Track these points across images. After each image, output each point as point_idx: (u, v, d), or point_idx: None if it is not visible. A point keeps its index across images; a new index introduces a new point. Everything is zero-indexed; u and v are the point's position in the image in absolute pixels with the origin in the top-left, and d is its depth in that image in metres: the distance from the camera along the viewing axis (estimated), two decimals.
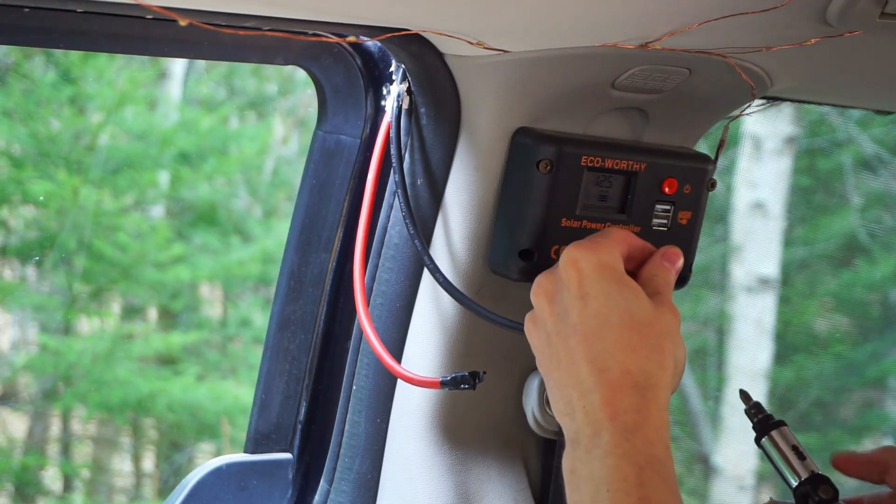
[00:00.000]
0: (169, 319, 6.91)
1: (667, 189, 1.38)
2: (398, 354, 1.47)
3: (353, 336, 1.55)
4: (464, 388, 1.35)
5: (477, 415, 1.49)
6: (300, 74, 4.90)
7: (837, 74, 1.45)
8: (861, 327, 7.11)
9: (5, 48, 5.64)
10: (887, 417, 7.14)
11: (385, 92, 1.48)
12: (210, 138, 6.75)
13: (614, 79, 1.34)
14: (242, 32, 1.25)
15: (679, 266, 1.29)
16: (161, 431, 6.79)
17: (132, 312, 6.85)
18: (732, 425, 6.51)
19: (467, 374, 1.34)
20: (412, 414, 1.47)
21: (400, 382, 1.49)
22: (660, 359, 1.17)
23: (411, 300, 1.47)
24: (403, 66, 1.39)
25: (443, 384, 1.36)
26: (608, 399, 1.14)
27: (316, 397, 1.63)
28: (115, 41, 1.38)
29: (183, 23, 1.06)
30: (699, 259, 1.49)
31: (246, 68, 7.18)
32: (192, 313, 6.94)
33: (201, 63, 7.01)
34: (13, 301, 6.43)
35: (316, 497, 1.60)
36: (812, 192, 7.16)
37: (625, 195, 1.37)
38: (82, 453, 6.60)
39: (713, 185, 1.43)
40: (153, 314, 6.97)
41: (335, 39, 1.34)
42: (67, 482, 6.45)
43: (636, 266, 1.27)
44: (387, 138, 1.45)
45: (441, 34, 1.26)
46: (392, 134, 1.43)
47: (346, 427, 1.54)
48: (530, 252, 1.34)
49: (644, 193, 1.37)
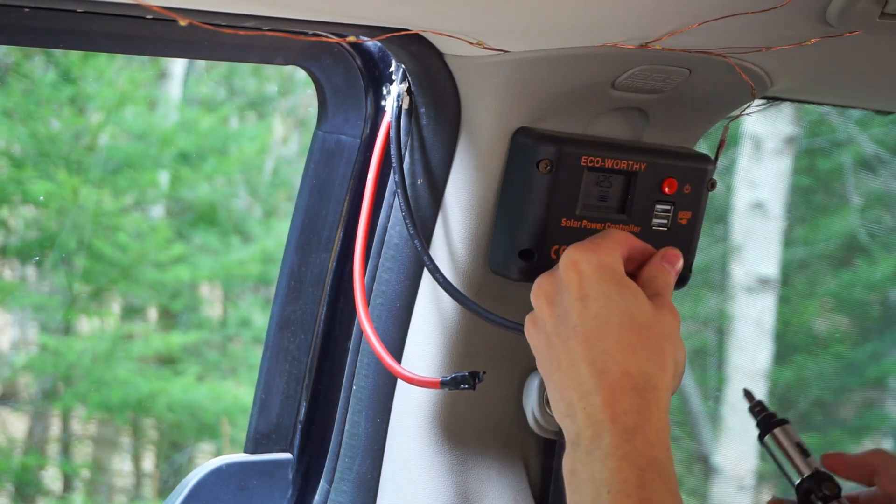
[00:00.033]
0: (169, 319, 6.91)
1: (667, 189, 1.38)
2: (398, 354, 1.47)
3: (353, 336, 1.55)
4: (464, 388, 1.35)
5: (477, 415, 1.49)
6: (300, 74, 4.90)
7: (837, 74, 1.45)
8: (861, 327, 7.11)
9: (5, 48, 5.64)
10: (887, 417, 7.14)
11: (385, 92, 1.48)
12: (210, 138, 6.75)
13: (614, 79, 1.34)
14: (242, 32, 1.25)
15: (679, 267, 1.29)
16: (161, 431, 6.79)
17: (132, 312, 6.86)
18: (732, 425, 6.51)
19: (467, 374, 1.34)
20: (412, 414, 1.47)
21: (400, 382, 1.49)
22: (660, 360, 1.17)
23: (411, 300, 1.47)
24: (403, 66, 1.39)
25: (443, 384, 1.36)
26: (609, 401, 1.14)
27: (316, 397, 1.63)
28: (115, 41, 1.38)
29: (183, 23, 1.06)
30: (699, 259, 1.49)
31: (246, 68, 7.18)
32: (192, 313, 6.94)
33: (201, 63, 7.01)
34: (13, 301, 6.43)
35: (316, 497, 1.60)
36: (812, 192, 7.16)
37: (625, 195, 1.37)
38: (82, 453, 6.60)
39: (713, 185, 1.43)
40: (153, 314, 6.97)
41: (335, 39, 1.34)
42: (67, 482, 6.45)
43: (636, 267, 1.27)
44: (387, 138, 1.45)
45: (441, 34, 1.26)
46: (392, 134, 1.43)
47: (346, 427, 1.54)
48: (530, 252, 1.34)
49: (644, 193, 1.37)
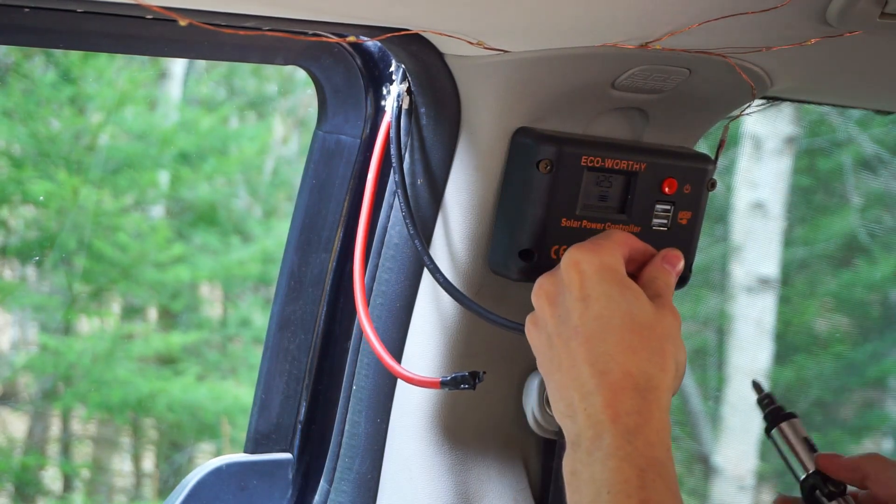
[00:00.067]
0: (169, 319, 6.91)
1: (667, 189, 1.38)
2: (398, 354, 1.47)
3: (353, 336, 1.55)
4: (464, 388, 1.35)
5: (477, 415, 1.48)
6: (300, 74, 4.90)
7: (837, 74, 1.45)
8: (861, 327, 7.11)
9: (5, 48, 5.64)
10: (887, 417, 7.14)
11: (385, 92, 1.48)
12: (210, 138, 6.75)
13: (614, 79, 1.34)
14: (242, 32, 1.25)
15: (680, 268, 1.29)
16: (161, 431, 6.79)
17: (132, 312, 6.86)
18: (732, 425, 6.51)
19: (467, 374, 1.34)
20: (412, 414, 1.47)
21: (400, 382, 1.49)
22: (661, 361, 1.17)
23: (411, 300, 1.47)
24: (403, 66, 1.39)
25: (443, 384, 1.36)
26: (609, 401, 1.14)
27: (316, 397, 1.63)
28: (115, 41, 1.38)
29: (183, 23, 1.06)
30: (699, 259, 1.49)
31: (246, 68, 7.18)
32: (192, 313, 6.94)
33: (201, 63, 7.01)
34: (13, 301, 6.43)
35: (316, 497, 1.60)
36: (812, 192, 7.16)
37: (625, 195, 1.37)
38: (82, 453, 6.60)
39: (713, 185, 1.43)
40: (153, 314, 6.97)
41: (335, 39, 1.34)
42: (67, 482, 6.45)
43: (637, 268, 1.27)
44: (387, 138, 1.45)
45: (441, 34, 1.26)
46: (392, 134, 1.43)
47: (346, 427, 1.54)
48: (530, 252, 1.34)
49: (644, 193, 1.37)
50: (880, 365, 6.81)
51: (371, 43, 1.46)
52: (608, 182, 1.36)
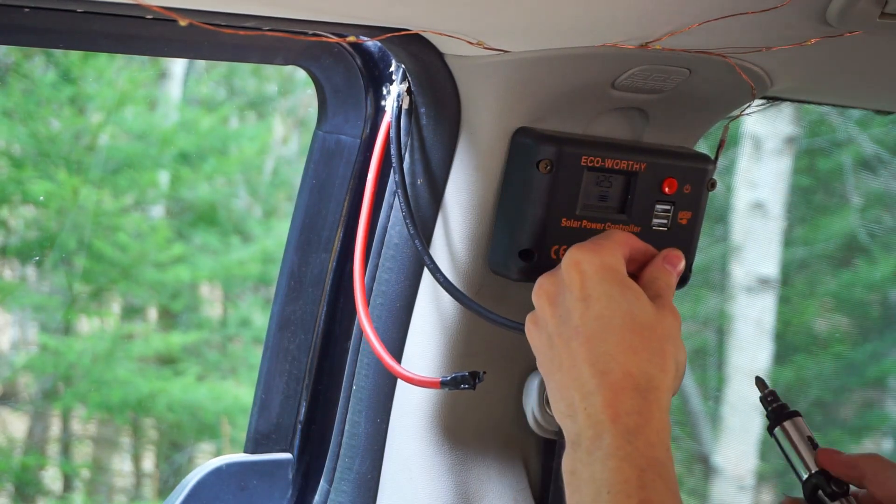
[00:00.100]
0: (169, 319, 6.91)
1: (667, 189, 1.38)
2: (398, 354, 1.47)
3: (353, 336, 1.55)
4: (464, 388, 1.35)
5: (477, 415, 1.48)
6: (300, 74, 4.90)
7: (837, 74, 1.45)
8: (861, 327, 7.11)
9: (5, 48, 5.64)
10: (887, 417, 7.14)
11: (385, 92, 1.48)
12: (210, 138, 6.75)
13: (614, 79, 1.34)
14: (242, 32, 1.25)
15: (680, 269, 1.29)
16: (161, 431, 6.79)
17: (132, 312, 6.85)
18: (732, 425, 6.51)
19: (467, 374, 1.34)
20: (412, 414, 1.47)
21: (400, 382, 1.49)
22: (661, 362, 1.17)
23: (411, 300, 1.47)
24: (403, 66, 1.39)
25: (443, 384, 1.36)
26: (610, 401, 1.14)
27: (316, 397, 1.63)
28: (115, 41, 1.38)
29: (183, 23, 1.06)
30: (699, 259, 1.49)
31: (246, 68, 7.18)
32: (192, 313, 6.94)
33: (201, 63, 7.01)
34: (13, 301, 6.43)
35: (316, 497, 1.60)
36: (812, 192, 7.16)
37: (625, 195, 1.37)
38: (82, 453, 6.60)
39: (713, 185, 1.43)
40: (153, 314, 6.97)
41: (335, 39, 1.34)
42: (67, 482, 6.45)
43: (637, 268, 1.27)
44: (387, 138, 1.45)
45: (441, 34, 1.26)
46: (392, 134, 1.43)
47: (346, 427, 1.54)
48: (530, 252, 1.34)
49: (644, 193, 1.37)
50: (880, 365, 6.81)
51: (371, 43, 1.46)
52: (608, 182, 1.36)
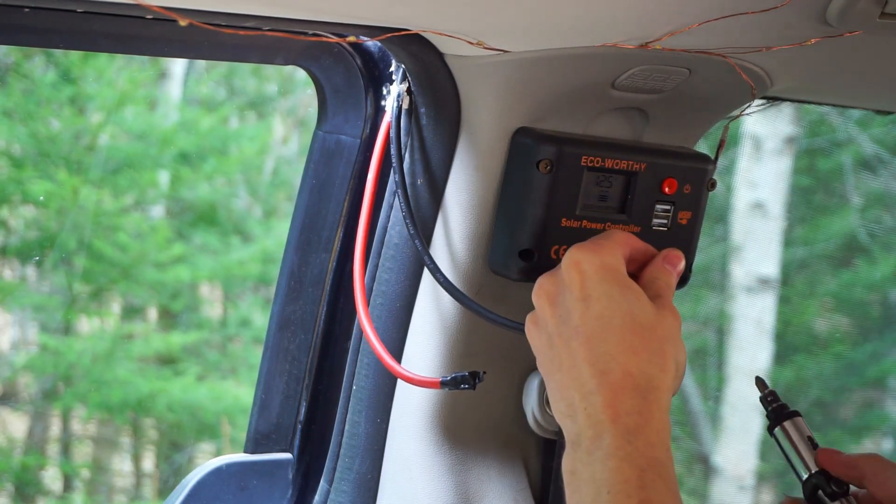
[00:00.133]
0: (169, 319, 6.91)
1: (667, 189, 1.38)
2: (398, 354, 1.47)
3: (353, 336, 1.55)
4: (464, 388, 1.35)
5: (477, 415, 1.48)
6: (300, 74, 4.90)
7: (837, 74, 1.45)
8: (861, 327, 7.11)
9: (5, 48, 5.64)
10: (887, 417, 7.14)
11: (385, 92, 1.48)
12: (210, 138, 6.75)
13: (614, 79, 1.34)
14: (242, 32, 1.25)
15: (681, 269, 1.29)
16: (161, 431, 6.79)
17: (132, 312, 6.86)
18: (732, 425, 6.51)
19: (467, 374, 1.34)
20: (412, 414, 1.47)
21: (400, 382, 1.49)
22: (661, 362, 1.17)
23: (411, 300, 1.47)
24: (403, 66, 1.39)
25: (443, 384, 1.36)
26: (610, 401, 1.14)
27: (316, 397, 1.63)
28: (115, 41, 1.38)
29: (183, 23, 1.06)
30: (699, 259, 1.49)
31: (246, 68, 7.18)
32: (192, 313, 6.94)
33: (201, 63, 7.01)
34: (13, 301, 6.43)
35: (316, 497, 1.60)
36: (812, 192, 7.16)
37: (625, 195, 1.37)
38: (82, 453, 6.60)
39: (713, 185, 1.43)
40: (153, 314, 6.97)
41: (335, 39, 1.34)
42: (67, 482, 6.45)
43: (638, 268, 1.27)
44: (387, 138, 1.45)
45: (441, 34, 1.26)
46: (392, 134, 1.43)
47: (346, 427, 1.54)
48: (530, 252, 1.34)
49: (644, 193, 1.37)
50: (880, 365, 6.81)
51: (371, 43, 1.46)
52: (608, 182, 1.36)
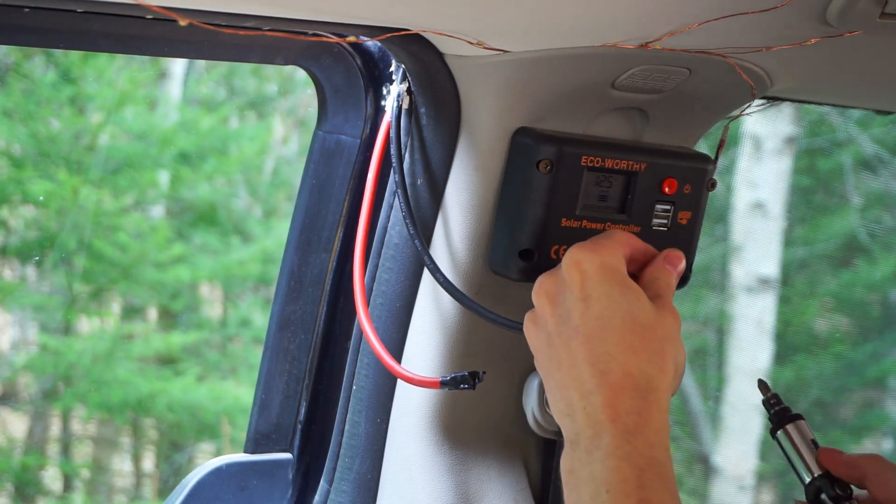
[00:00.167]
0: (169, 319, 6.91)
1: (667, 189, 1.38)
2: (398, 354, 1.47)
3: (353, 336, 1.55)
4: (464, 388, 1.35)
5: (477, 415, 1.49)
6: (300, 74, 4.90)
7: (837, 74, 1.45)
8: (861, 327, 7.11)
9: (5, 48, 5.64)
10: (887, 417, 7.14)
11: (385, 92, 1.48)
12: (210, 138, 6.75)
13: (614, 79, 1.34)
14: (242, 32, 1.25)
15: (681, 269, 1.29)
16: (161, 431, 6.79)
17: (132, 312, 6.86)
18: (732, 425, 6.51)
19: (467, 374, 1.34)
20: (412, 414, 1.47)
21: (400, 382, 1.49)
22: (661, 362, 1.17)
23: (411, 300, 1.47)
24: (403, 66, 1.39)
25: (443, 384, 1.36)
26: (609, 401, 1.14)
27: (316, 397, 1.63)
28: (115, 41, 1.38)
29: (183, 23, 1.06)
30: (699, 259, 1.49)
31: (246, 68, 7.18)
32: (192, 313, 6.94)
33: (201, 63, 7.01)
34: (13, 301, 6.43)
35: (316, 497, 1.60)
36: (812, 192, 7.16)
37: (625, 195, 1.37)
38: (82, 453, 6.60)
39: (713, 185, 1.43)
40: (153, 314, 6.97)
41: (335, 39, 1.34)
42: (67, 482, 6.45)
43: (638, 268, 1.27)
44: (387, 138, 1.45)
45: (441, 34, 1.26)
46: (392, 134, 1.43)
47: (346, 427, 1.54)
48: (530, 252, 1.34)
49: (644, 193, 1.37)
50: (880, 365, 6.81)
51: (371, 43, 1.46)
52: (608, 182, 1.36)
